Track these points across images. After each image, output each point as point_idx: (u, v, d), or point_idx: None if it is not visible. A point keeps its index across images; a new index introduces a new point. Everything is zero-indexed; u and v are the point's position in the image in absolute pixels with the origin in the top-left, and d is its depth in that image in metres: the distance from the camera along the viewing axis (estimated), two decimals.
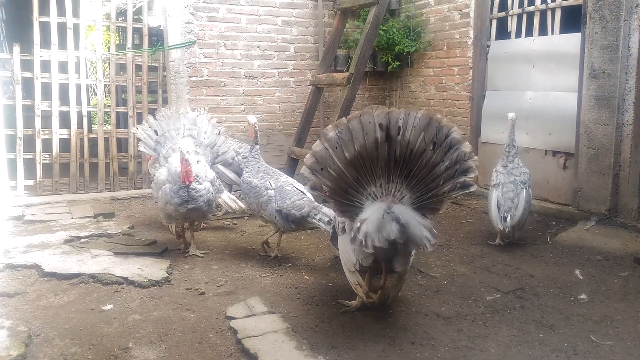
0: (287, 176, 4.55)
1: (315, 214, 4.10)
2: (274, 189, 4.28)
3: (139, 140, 4.95)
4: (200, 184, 4.21)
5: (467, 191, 3.10)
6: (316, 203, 4.06)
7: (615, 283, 3.84)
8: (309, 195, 4.20)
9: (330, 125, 3.13)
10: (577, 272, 4.05)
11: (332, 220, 3.92)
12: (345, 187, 3.08)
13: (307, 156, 3.14)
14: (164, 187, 4.25)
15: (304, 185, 3.45)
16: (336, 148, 3.05)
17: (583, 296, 3.61)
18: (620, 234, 4.77)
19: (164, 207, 4.25)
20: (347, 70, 5.90)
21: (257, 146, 4.58)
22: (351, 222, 3.13)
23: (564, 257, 4.40)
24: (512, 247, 4.61)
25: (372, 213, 3.00)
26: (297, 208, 4.15)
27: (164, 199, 4.22)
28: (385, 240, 2.94)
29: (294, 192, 4.25)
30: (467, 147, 3.04)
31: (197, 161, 4.33)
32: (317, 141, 3.13)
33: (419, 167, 3.02)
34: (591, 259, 4.31)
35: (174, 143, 4.63)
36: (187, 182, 4.12)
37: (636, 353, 2.88)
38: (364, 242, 2.94)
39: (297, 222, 4.19)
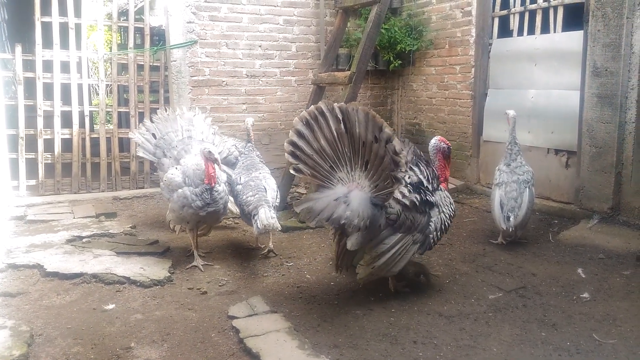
0: (263, 172, 4.63)
1: (255, 214, 4.12)
2: (241, 184, 4.44)
3: (137, 145, 4.88)
4: (219, 185, 4.11)
5: (399, 185, 3.29)
6: (261, 203, 4.18)
7: (617, 282, 3.83)
8: (267, 194, 4.30)
9: (297, 118, 3.40)
10: (580, 270, 4.04)
11: (259, 228, 4.01)
12: (320, 170, 3.36)
13: (285, 144, 3.40)
14: (180, 190, 4.08)
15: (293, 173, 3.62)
16: (304, 137, 3.34)
17: (585, 295, 3.60)
18: (622, 233, 4.76)
19: (180, 211, 4.09)
20: (348, 69, 5.88)
21: (249, 144, 4.87)
22: None
23: (567, 255, 4.39)
24: (515, 246, 4.60)
25: (326, 194, 3.28)
26: (247, 204, 4.26)
27: (181, 202, 4.06)
28: (331, 220, 3.20)
29: (252, 188, 4.34)
30: (397, 143, 3.21)
31: None
32: (290, 131, 3.39)
33: (372, 158, 3.25)
34: (593, 258, 4.30)
35: (186, 144, 4.55)
36: (213, 184, 4.02)
37: (639, 351, 2.87)
38: (306, 217, 3.25)
39: (249, 218, 4.24)
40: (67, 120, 6.55)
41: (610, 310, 3.37)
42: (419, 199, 3.43)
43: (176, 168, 4.31)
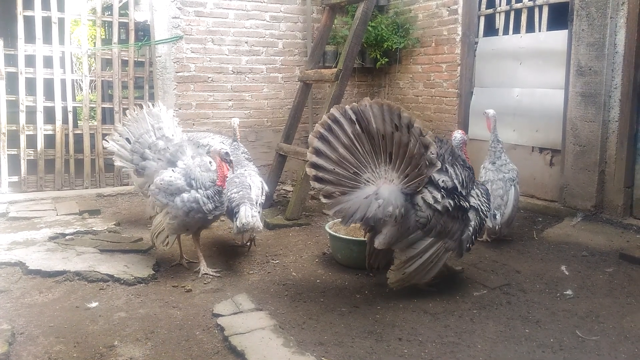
0: (249, 169, 4.62)
1: (237, 212, 4.08)
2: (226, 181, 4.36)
3: (114, 154, 4.65)
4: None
5: (434, 169, 3.28)
6: (243, 200, 4.14)
7: (600, 279, 3.87)
8: (251, 192, 4.28)
9: (311, 135, 3.40)
10: (563, 268, 4.07)
11: (238, 226, 3.98)
12: (345, 182, 3.36)
13: (307, 169, 3.41)
14: (185, 194, 3.81)
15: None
16: (322, 154, 3.34)
17: (569, 292, 3.63)
18: (605, 230, 4.81)
19: (184, 217, 3.81)
20: (335, 67, 5.88)
21: (235, 142, 4.92)
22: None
23: (550, 253, 4.43)
24: (499, 244, 4.63)
25: (355, 195, 3.34)
26: (230, 201, 4.21)
27: (188, 207, 3.78)
28: (365, 219, 3.30)
29: (236, 185, 4.31)
30: (419, 123, 3.22)
31: (210, 162, 4.01)
32: (308, 152, 3.40)
33: (395, 148, 3.26)
34: (577, 255, 4.34)
35: (180, 146, 4.20)
36: (224, 186, 3.86)
37: (621, 348, 2.90)
38: (341, 220, 3.41)
39: (231, 215, 4.19)
40: (50, 116, 6.46)
41: (593, 307, 3.41)
42: (452, 204, 3.39)
43: (173, 170, 3.98)
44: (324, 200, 3.43)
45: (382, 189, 3.31)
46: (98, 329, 3.10)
